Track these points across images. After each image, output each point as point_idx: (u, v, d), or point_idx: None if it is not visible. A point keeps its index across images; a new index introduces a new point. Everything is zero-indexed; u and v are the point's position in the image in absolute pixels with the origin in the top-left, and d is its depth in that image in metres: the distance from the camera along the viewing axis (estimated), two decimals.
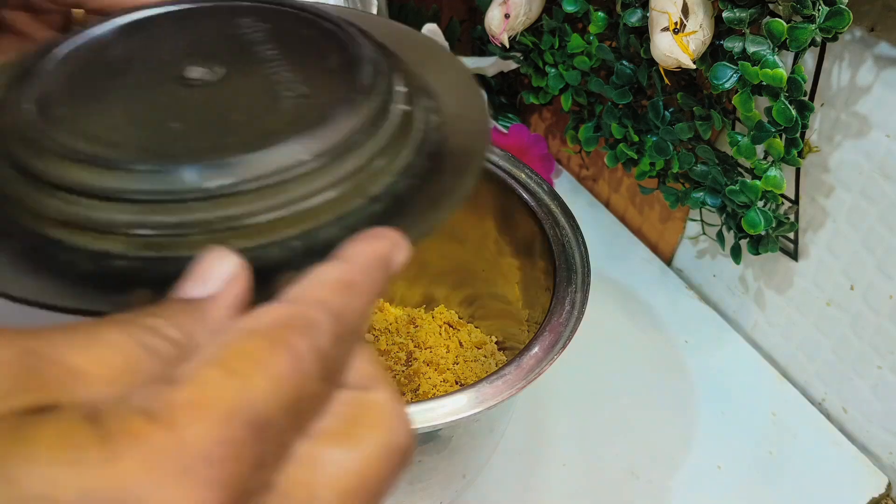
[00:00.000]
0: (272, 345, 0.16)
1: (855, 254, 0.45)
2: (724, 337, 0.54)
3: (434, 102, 0.29)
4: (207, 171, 0.22)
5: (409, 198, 0.25)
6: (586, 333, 0.52)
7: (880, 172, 0.42)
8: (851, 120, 0.43)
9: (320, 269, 0.20)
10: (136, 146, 0.23)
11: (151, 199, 0.22)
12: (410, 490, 0.32)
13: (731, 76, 0.39)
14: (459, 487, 0.36)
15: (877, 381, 0.46)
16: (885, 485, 0.45)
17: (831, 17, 0.35)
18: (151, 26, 0.30)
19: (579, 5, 0.48)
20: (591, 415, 0.47)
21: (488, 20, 0.51)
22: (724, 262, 0.55)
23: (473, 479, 0.37)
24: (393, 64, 0.29)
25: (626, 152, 0.51)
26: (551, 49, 0.53)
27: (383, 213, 0.24)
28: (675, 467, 0.45)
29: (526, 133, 0.62)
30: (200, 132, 0.24)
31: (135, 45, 0.29)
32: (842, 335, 0.47)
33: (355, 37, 0.29)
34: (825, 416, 0.49)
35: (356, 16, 0.35)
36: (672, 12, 0.39)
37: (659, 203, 0.59)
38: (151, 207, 0.22)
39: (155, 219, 0.22)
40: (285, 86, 0.26)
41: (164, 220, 0.22)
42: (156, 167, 0.22)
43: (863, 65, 0.41)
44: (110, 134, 0.23)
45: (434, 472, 0.32)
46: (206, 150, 0.23)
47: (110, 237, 0.22)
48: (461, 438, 0.33)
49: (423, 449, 0.32)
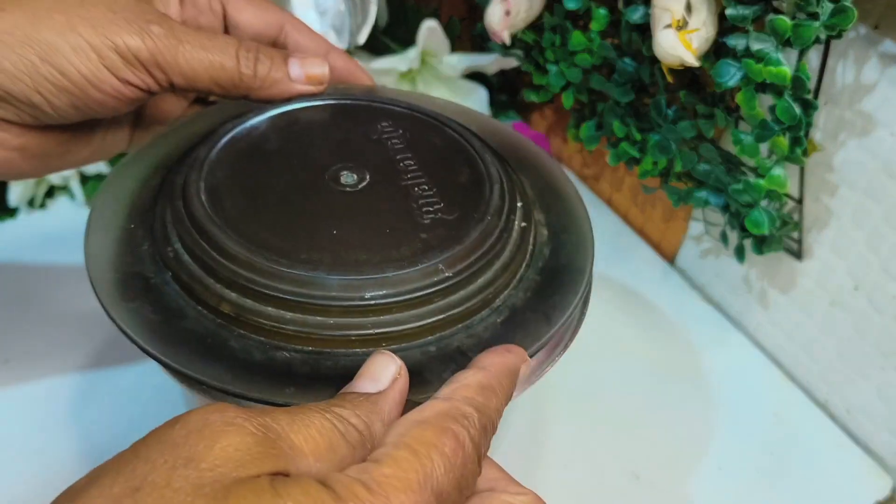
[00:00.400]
0: (441, 432, 0.21)
1: (859, 254, 0.45)
2: (727, 337, 0.54)
3: (543, 216, 0.32)
4: (368, 284, 0.25)
5: (524, 310, 0.28)
6: (587, 334, 0.52)
7: (885, 171, 0.42)
8: (856, 118, 0.42)
9: (465, 374, 0.24)
10: (305, 254, 0.26)
11: (317, 304, 0.25)
12: None
13: (734, 74, 0.39)
14: None
15: (881, 382, 0.46)
16: (890, 487, 0.45)
17: (835, 14, 0.34)
18: (301, 121, 0.33)
19: (581, 2, 0.47)
20: (592, 416, 0.46)
21: (488, 17, 0.50)
22: (727, 262, 0.54)
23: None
24: (511, 179, 0.32)
25: (629, 151, 0.51)
26: (552, 46, 0.53)
27: (502, 323, 0.27)
28: (677, 468, 0.44)
29: (527, 131, 0.62)
30: (358, 243, 0.27)
31: (289, 139, 0.32)
32: (846, 336, 0.47)
33: (480, 153, 0.32)
34: (829, 418, 0.49)
35: (462, 114, 0.38)
36: (675, 9, 0.38)
37: (661, 202, 0.59)
38: (316, 310, 0.25)
39: (318, 320, 0.25)
40: (425, 200, 0.29)
41: (325, 321, 0.25)
42: (322, 276, 0.25)
43: (867, 62, 0.41)
44: (279, 239, 0.26)
45: None
46: (366, 264, 0.26)
47: (277, 332, 0.25)
48: None
49: None
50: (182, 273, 0.27)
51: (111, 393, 0.43)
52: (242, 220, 0.27)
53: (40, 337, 0.46)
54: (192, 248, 0.27)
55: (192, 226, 0.27)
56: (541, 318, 0.28)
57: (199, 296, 0.26)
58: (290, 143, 0.31)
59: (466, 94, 0.60)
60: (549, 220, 0.32)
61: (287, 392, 0.24)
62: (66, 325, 0.47)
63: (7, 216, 0.54)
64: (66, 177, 0.53)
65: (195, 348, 0.25)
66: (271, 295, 0.25)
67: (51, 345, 0.46)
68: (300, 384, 0.24)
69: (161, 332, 0.25)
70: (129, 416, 0.42)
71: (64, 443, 0.41)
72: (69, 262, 0.51)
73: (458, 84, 0.60)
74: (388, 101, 0.34)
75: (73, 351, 0.45)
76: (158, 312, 0.26)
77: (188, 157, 0.30)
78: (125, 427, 0.42)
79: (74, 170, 0.53)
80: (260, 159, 0.30)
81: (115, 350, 0.46)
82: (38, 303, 0.48)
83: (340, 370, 0.25)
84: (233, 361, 0.25)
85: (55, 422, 0.42)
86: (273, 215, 0.27)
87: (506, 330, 0.27)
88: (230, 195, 0.28)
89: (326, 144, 0.31)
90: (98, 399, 0.43)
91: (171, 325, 0.26)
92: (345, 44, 0.53)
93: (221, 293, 0.26)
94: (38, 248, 0.52)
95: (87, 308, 0.47)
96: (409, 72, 0.58)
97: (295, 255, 0.26)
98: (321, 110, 0.33)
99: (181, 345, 0.25)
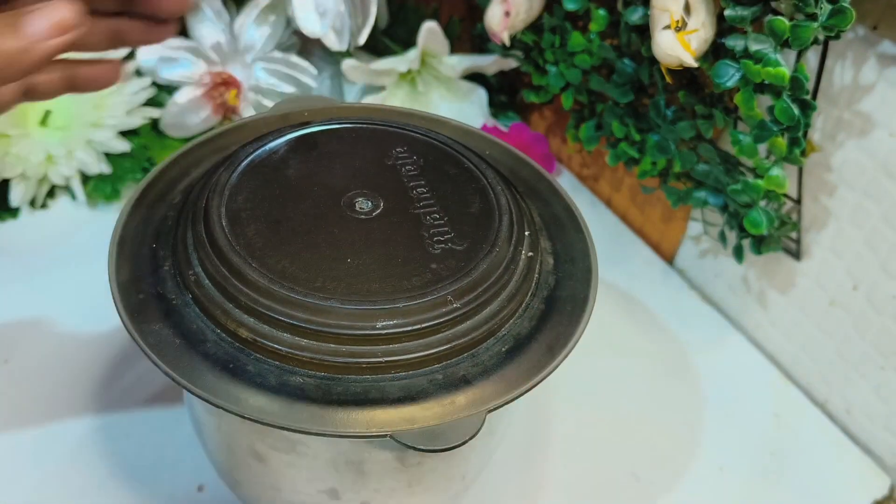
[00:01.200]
0: None
1: (858, 254, 0.45)
2: (727, 337, 0.54)
3: (549, 244, 0.33)
4: (380, 314, 0.26)
5: (528, 339, 0.29)
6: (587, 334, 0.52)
7: (884, 171, 0.42)
8: (854, 119, 0.42)
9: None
10: (320, 283, 0.27)
11: (330, 332, 0.26)
12: (409, 492, 0.32)
13: (733, 75, 0.39)
14: (458, 489, 0.36)
15: (880, 381, 0.46)
16: (889, 486, 0.45)
17: (834, 15, 0.35)
18: (319, 144, 0.34)
19: (580, 3, 0.47)
20: (592, 416, 0.46)
21: (488, 18, 0.51)
22: (726, 262, 0.54)
23: (473, 480, 0.37)
24: (521, 208, 0.33)
25: (628, 151, 0.51)
26: (552, 47, 0.53)
27: (507, 352, 0.28)
28: (676, 469, 0.44)
29: (526, 132, 0.62)
30: (371, 272, 0.28)
31: (307, 162, 0.33)
32: (845, 336, 0.47)
33: (493, 184, 0.33)
34: (828, 418, 0.49)
35: (476, 137, 0.39)
36: (674, 10, 0.38)
37: (661, 202, 0.59)
38: (329, 338, 0.26)
39: (331, 347, 0.26)
40: (436, 229, 0.30)
41: (338, 348, 0.26)
42: (336, 305, 0.26)
43: (866, 63, 0.41)
44: (296, 267, 0.27)
45: (433, 473, 0.32)
46: (378, 293, 0.27)
47: (292, 358, 0.26)
48: None
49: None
50: (202, 297, 0.28)
51: (112, 389, 0.43)
52: (262, 248, 0.28)
53: (41, 337, 0.46)
54: (212, 274, 0.28)
55: (214, 252, 0.28)
56: (544, 349, 0.29)
57: (218, 320, 0.27)
58: (308, 167, 0.32)
59: (466, 95, 0.60)
60: (556, 248, 0.33)
61: (300, 417, 0.25)
62: (66, 324, 0.47)
63: (9, 216, 0.54)
64: (68, 177, 0.53)
65: (214, 372, 0.26)
66: (287, 322, 0.26)
67: (52, 344, 0.46)
68: (313, 408, 0.25)
69: (182, 356, 0.26)
70: (130, 410, 0.42)
71: (64, 440, 0.41)
72: (70, 261, 0.51)
73: (458, 85, 0.60)
74: (405, 126, 0.35)
75: (74, 350, 0.45)
76: (179, 336, 0.27)
77: (210, 181, 0.31)
78: (127, 424, 0.42)
79: (75, 170, 0.53)
80: (279, 184, 0.31)
81: (117, 348, 0.46)
82: (39, 303, 0.48)
83: (350, 396, 0.26)
84: (249, 385, 0.26)
85: (56, 420, 0.42)
86: (291, 243, 0.28)
87: (510, 358, 0.28)
88: (250, 221, 0.29)
89: (343, 170, 0.32)
90: (99, 396, 0.43)
91: (191, 348, 0.27)
92: (345, 45, 0.54)
93: (240, 319, 0.27)
94: (40, 247, 0.52)
95: (88, 307, 0.47)
96: (409, 72, 0.58)
97: (311, 283, 0.27)
98: (339, 133, 0.35)
99: (201, 369, 0.26)
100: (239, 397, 0.25)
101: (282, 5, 0.54)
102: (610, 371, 0.50)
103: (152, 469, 0.40)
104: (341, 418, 0.25)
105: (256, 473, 0.31)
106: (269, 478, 0.31)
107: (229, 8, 0.55)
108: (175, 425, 0.42)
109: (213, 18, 0.54)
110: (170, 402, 0.43)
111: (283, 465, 0.30)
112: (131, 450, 0.41)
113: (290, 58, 0.55)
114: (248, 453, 0.31)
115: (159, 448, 0.41)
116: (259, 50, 0.55)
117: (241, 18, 0.55)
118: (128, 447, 0.41)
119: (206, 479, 0.40)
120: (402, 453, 0.29)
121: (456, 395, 0.27)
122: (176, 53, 0.55)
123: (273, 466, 0.30)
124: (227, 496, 0.39)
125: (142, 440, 0.41)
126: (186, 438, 0.41)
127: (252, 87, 0.56)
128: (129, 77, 0.55)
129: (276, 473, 0.31)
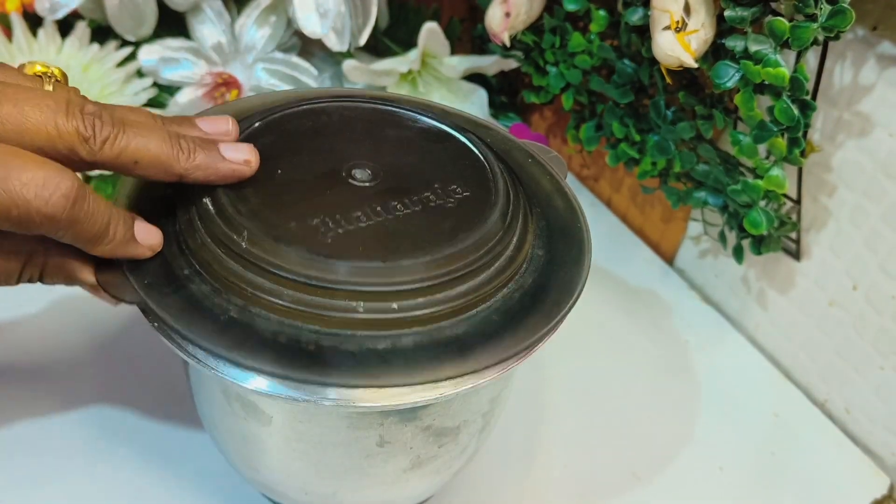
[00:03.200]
0: None
1: (857, 254, 0.45)
2: (726, 337, 0.54)
3: (543, 221, 0.34)
4: (387, 268, 0.27)
5: (518, 310, 0.30)
6: (587, 333, 0.52)
7: (883, 172, 0.42)
8: (854, 119, 0.42)
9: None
10: (322, 247, 0.27)
11: (328, 287, 0.27)
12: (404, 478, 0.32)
13: (732, 75, 0.39)
14: (460, 465, 0.36)
15: (879, 381, 0.46)
16: (888, 486, 0.45)
17: (833, 15, 0.35)
18: (332, 114, 0.35)
19: (580, 4, 0.48)
20: (592, 415, 0.47)
21: (489, 19, 0.51)
22: (726, 263, 0.54)
23: (473, 456, 0.37)
24: (518, 191, 0.33)
25: (628, 152, 0.51)
26: (552, 48, 0.53)
27: (500, 321, 0.29)
28: (676, 468, 0.44)
29: (527, 132, 0.62)
30: (370, 238, 0.28)
31: (316, 131, 0.34)
32: (844, 336, 0.47)
33: (492, 166, 0.33)
34: (828, 417, 0.49)
35: (469, 121, 0.39)
36: (674, 11, 0.38)
37: (661, 203, 0.59)
38: (318, 291, 0.27)
39: (324, 301, 0.27)
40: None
41: (335, 303, 0.27)
42: (337, 264, 0.27)
43: (865, 64, 0.41)
44: (300, 230, 0.28)
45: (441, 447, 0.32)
46: (378, 250, 0.28)
47: (295, 312, 0.27)
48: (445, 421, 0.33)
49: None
50: (208, 258, 0.28)
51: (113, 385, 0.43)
52: (264, 209, 0.29)
53: (41, 336, 0.46)
54: (216, 238, 0.28)
55: (219, 217, 0.28)
56: (535, 322, 0.29)
57: (227, 281, 0.28)
58: (316, 136, 0.33)
59: (466, 96, 0.61)
60: (548, 223, 0.34)
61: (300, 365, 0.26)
62: (66, 324, 0.47)
63: None
64: None
65: (225, 331, 0.26)
66: (295, 281, 0.27)
67: (52, 344, 0.46)
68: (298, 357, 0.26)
69: (196, 321, 0.27)
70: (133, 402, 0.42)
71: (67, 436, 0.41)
72: None
73: (459, 85, 0.60)
74: (412, 109, 0.36)
75: (74, 350, 0.45)
76: (184, 300, 0.27)
77: None
78: (132, 418, 0.42)
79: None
80: (287, 148, 0.32)
81: (120, 342, 0.46)
82: (40, 302, 0.48)
83: (341, 352, 0.27)
84: (255, 335, 0.27)
85: (55, 420, 0.42)
86: (295, 209, 0.29)
87: (503, 327, 0.29)
88: (249, 184, 0.30)
89: (344, 145, 0.33)
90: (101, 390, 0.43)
91: (195, 312, 0.27)
92: (345, 45, 0.54)
93: (249, 279, 0.27)
94: None
95: (88, 307, 0.47)
96: (410, 73, 0.58)
97: (318, 247, 0.28)
98: (341, 109, 0.35)
99: (212, 329, 0.26)
100: (253, 354, 0.26)
101: (283, 6, 0.54)
102: (609, 370, 0.50)
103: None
104: (345, 372, 0.26)
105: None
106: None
107: (230, 8, 0.55)
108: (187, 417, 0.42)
109: (213, 19, 0.54)
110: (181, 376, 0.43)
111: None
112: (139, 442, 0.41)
113: (290, 58, 0.55)
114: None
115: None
116: (260, 50, 0.55)
117: (242, 19, 0.55)
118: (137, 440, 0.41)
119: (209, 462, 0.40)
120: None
121: (442, 357, 0.27)
122: (177, 54, 0.55)
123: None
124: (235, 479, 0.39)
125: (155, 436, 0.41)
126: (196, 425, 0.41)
127: (253, 88, 0.56)
128: (131, 77, 0.55)
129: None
